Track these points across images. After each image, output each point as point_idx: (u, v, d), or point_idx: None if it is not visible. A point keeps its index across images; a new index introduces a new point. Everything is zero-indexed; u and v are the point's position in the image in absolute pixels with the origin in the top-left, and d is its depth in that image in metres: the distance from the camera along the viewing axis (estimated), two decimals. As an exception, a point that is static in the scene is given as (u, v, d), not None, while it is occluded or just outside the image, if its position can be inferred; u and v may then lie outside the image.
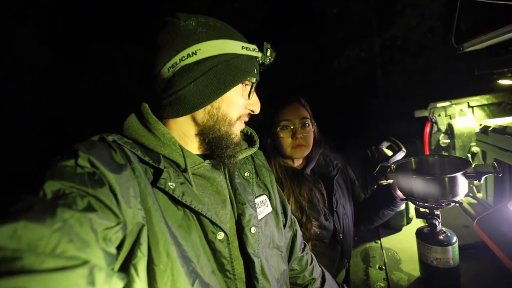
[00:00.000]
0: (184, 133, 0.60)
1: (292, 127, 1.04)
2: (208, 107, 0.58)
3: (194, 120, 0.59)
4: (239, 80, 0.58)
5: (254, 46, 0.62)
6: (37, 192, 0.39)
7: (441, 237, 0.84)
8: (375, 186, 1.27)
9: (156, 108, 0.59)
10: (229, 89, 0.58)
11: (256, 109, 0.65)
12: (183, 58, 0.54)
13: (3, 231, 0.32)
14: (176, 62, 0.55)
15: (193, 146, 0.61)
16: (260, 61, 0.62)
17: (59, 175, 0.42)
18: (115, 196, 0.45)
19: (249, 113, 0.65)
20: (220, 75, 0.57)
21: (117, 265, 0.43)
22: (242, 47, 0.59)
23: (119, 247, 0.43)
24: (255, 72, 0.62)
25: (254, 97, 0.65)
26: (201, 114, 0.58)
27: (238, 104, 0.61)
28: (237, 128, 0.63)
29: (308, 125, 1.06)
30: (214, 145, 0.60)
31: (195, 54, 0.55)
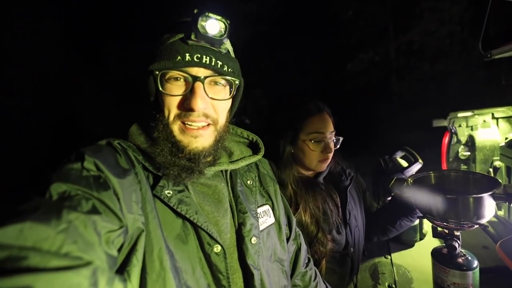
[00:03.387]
0: None
1: (323, 141, 0.97)
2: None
3: None
4: (149, 74, 0.54)
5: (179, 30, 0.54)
6: (43, 193, 0.40)
7: (460, 260, 0.77)
8: (388, 198, 1.20)
9: None
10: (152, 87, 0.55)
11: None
12: None
13: (9, 231, 0.33)
14: None
15: None
16: (190, 37, 0.51)
17: (65, 177, 0.43)
18: (118, 200, 0.45)
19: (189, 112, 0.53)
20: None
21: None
22: (165, 38, 0.55)
23: (118, 252, 0.43)
24: (166, 59, 0.52)
25: (167, 87, 0.54)
26: None
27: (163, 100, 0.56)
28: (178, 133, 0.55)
29: (336, 140, 1.00)
30: None
31: None
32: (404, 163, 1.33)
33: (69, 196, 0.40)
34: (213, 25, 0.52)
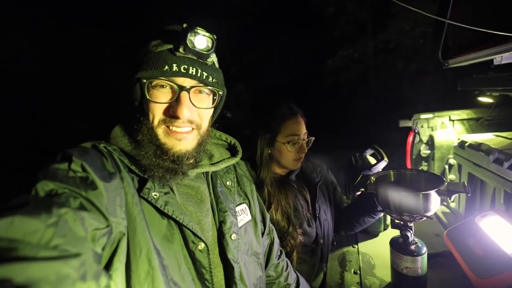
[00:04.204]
0: None
1: (298, 142, 1.05)
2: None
3: None
4: (137, 82, 0.55)
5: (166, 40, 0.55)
6: (30, 191, 0.41)
7: (412, 247, 0.89)
8: (357, 193, 1.31)
9: None
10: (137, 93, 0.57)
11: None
12: None
13: None
14: None
15: None
16: (179, 49, 0.53)
17: (52, 176, 0.44)
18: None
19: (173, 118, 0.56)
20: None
21: None
22: (152, 46, 0.56)
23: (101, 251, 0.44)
24: (153, 67, 0.54)
25: (154, 94, 0.55)
26: None
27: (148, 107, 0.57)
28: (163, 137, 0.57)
29: (308, 140, 1.08)
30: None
31: None
32: (372, 160, 1.44)
33: (56, 193, 0.41)
34: (201, 41, 0.54)
